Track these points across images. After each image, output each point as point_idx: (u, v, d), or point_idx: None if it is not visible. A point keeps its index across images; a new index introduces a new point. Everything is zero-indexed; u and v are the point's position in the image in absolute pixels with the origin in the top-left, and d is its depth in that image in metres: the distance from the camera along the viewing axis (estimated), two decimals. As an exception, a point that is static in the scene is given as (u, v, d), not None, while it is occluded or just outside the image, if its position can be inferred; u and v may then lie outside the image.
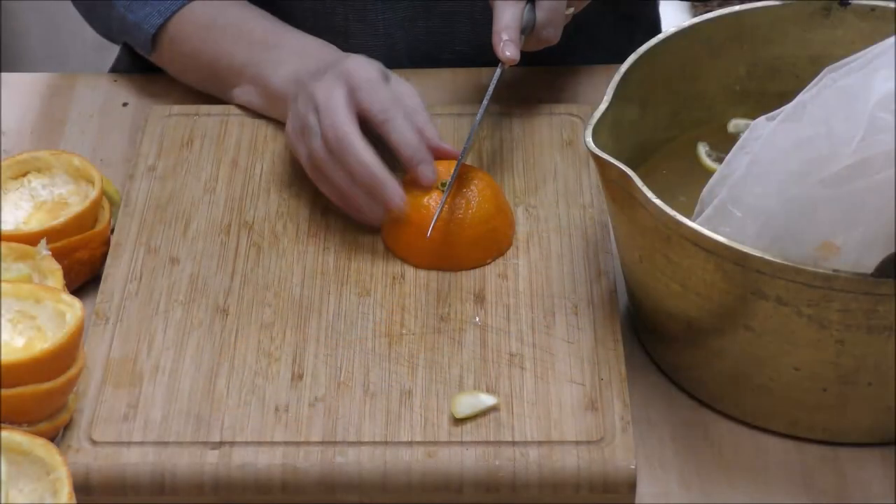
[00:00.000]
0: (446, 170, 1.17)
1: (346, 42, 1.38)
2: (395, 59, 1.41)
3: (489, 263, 1.16)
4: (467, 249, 1.16)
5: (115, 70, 1.43)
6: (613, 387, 1.07)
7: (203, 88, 1.34)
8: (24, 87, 1.39)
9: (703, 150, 1.19)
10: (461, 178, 1.17)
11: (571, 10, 1.24)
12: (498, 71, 1.20)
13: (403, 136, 1.16)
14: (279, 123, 1.29)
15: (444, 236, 1.15)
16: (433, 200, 1.16)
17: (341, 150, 1.15)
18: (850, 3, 1.17)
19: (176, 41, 1.32)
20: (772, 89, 1.20)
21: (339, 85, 1.17)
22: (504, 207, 1.18)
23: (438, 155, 1.18)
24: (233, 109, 1.31)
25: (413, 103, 1.19)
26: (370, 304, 1.14)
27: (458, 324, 1.12)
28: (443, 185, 1.17)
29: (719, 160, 1.11)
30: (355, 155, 1.15)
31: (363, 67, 1.18)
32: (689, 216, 1.02)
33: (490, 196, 1.17)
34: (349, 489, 1.03)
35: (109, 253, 1.18)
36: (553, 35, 1.23)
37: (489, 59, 1.35)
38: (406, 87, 1.21)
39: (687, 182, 1.14)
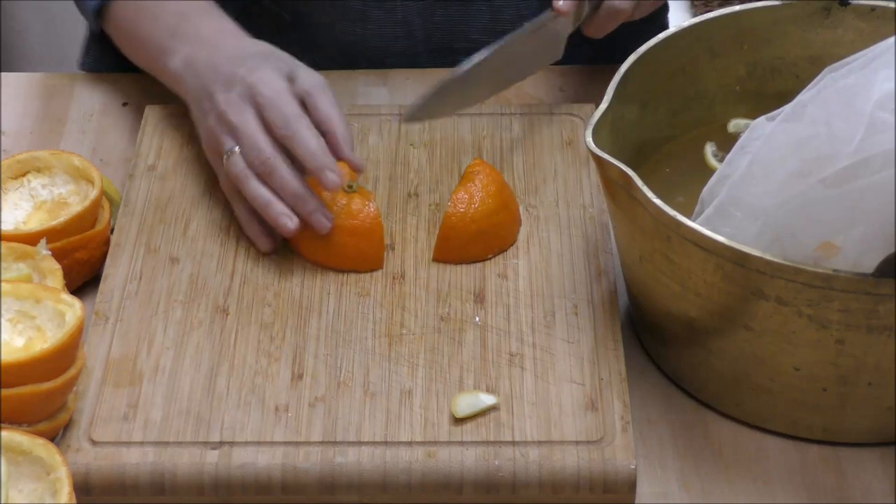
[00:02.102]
0: (349, 172, 1.18)
1: (365, 28, 1.39)
2: (412, 45, 1.41)
3: (490, 259, 1.16)
4: (466, 243, 1.16)
5: (84, 64, 1.42)
6: (613, 387, 1.07)
7: (147, 70, 1.31)
8: (24, 87, 1.39)
9: (709, 150, 1.19)
10: (467, 174, 1.17)
11: None
12: (544, 14, 1.20)
13: (308, 148, 1.15)
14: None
15: (443, 230, 1.15)
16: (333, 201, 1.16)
17: (268, 175, 1.15)
18: (850, 3, 1.17)
19: (116, 20, 1.31)
20: (772, 89, 1.20)
21: (248, 106, 1.17)
22: (510, 204, 1.18)
23: (341, 160, 1.18)
24: (233, 109, 1.31)
25: (323, 103, 1.18)
26: (370, 304, 1.14)
27: (458, 324, 1.12)
28: (350, 186, 1.17)
29: (725, 161, 1.11)
30: (281, 178, 1.15)
31: (268, 81, 1.17)
32: (689, 216, 1.02)
33: (495, 192, 1.17)
34: (349, 489, 1.03)
35: (109, 253, 1.18)
36: (624, 6, 1.22)
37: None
38: (313, 80, 1.20)
39: (687, 182, 1.14)
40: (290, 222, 1.15)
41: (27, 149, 1.27)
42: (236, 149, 1.17)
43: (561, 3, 1.19)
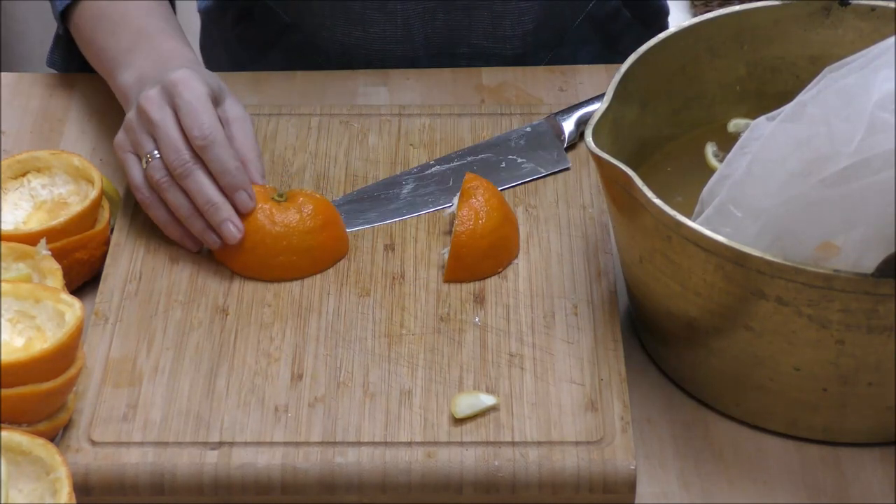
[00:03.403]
0: (263, 192, 1.17)
1: (365, 31, 1.39)
2: (413, 49, 1.41)
3: (499, 273, 1.16)
4: (479, 260, 1.15)
5: (51, 62, 1.41)
6: (613, 387, 1.07)
7: (103, 77, 1.31)
8: (24, 87, 1.39)
9: (710, 150, 1.19)
10: (466, 190, 1.17)
11: None
12: None
13: (222, 164, 1.15)
14: (279, 122, 1.29)
15: (454, 248, 1.15)
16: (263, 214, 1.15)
17: (184, 177, 1.14)
18: (850, 3, 1.17)
19: (77, 26, 1.30)
20: (772, 89, 1.20)
21: (165, 104, 1.16)
22: (509, 214, 1.18)
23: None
24: (233, 109, 1.31)
25: (243, 133, 1.18)
26: (370, 304, 1.14)
27: (458, 324, 1.12)
28: (280, 196, 1.17)
29: (726, 161, 1.11)
30: (197, 183, 1.14)
31: (190, 85, 1.16)
32: (689, 216, 1.02)
33: (497, 205, 1.17)
34: (349, 489, 1.03)
35: (109, 253, 1.18)
36: None
37: (506, 52, 1.35)
38: (238, 110, 1.19)
39: (687, 182, 1.14)
40: (214, 238, 1.15)
41: (27, 149, 1.27)
42: (156, 153, 1.16)
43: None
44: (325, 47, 1.43)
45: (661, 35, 1.16)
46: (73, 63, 1.37)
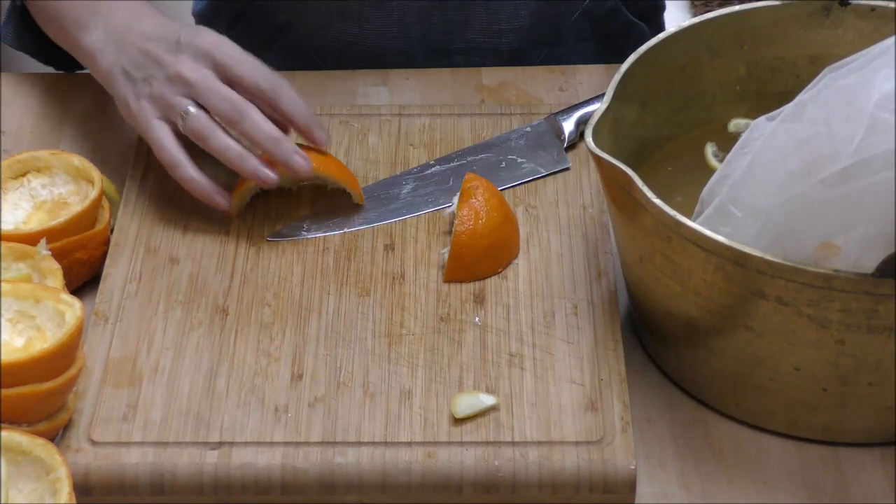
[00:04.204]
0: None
1: (361, 27, 1.39)
2: (409, 45, 1.41)
3: (499, 272, 1.16)
4: (479, 260, 1.15)
5: (3, 38, 1.40)
6: (613, 387, 1.07)
7: (62, 45, 1.30)
8: (24, 87, 1.39)
9: (710, 150, 1.19)
10: (466, 190, 1.17)
11: None
12: None
13: (294, 101, 1.17)
14: (279, 123, 1.29)
15: (454, 248, 1.15)
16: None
17: (238, 121, 1.15)
18: (850, 3, 1.17)
19: None
20: (772, 89, 1.20)
21: (201, 66, 1.17)
22: (509, 215, 1.18)
23: (306, 134, 1.19)
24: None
25: (265, 79, 1.18)
26: (370, 304, 1.14)
27: (458, 324, 1.12)
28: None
29: (726, 161, 1.11)
30: (254, 122, 1.15)
31: (226, 43, 1.18)
32: (689, 216, 1.02)
33: (497, 205, 1.17)
34: (349, 489, 1.03)
35: (109, 253, 1.18)
36: None
37: (502, 46, 1.35)
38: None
39: (687, 182, 1.14)
40: (271, 173, 1.16)
41: (27, 149, 1.27)
42: (191, 108, 1.16)
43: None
44: (320, 46, 1.43)
45: (661, 35, 1.16)
46: (25, 37, 1.36)
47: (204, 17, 1.57)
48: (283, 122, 1.18)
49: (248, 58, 1.18)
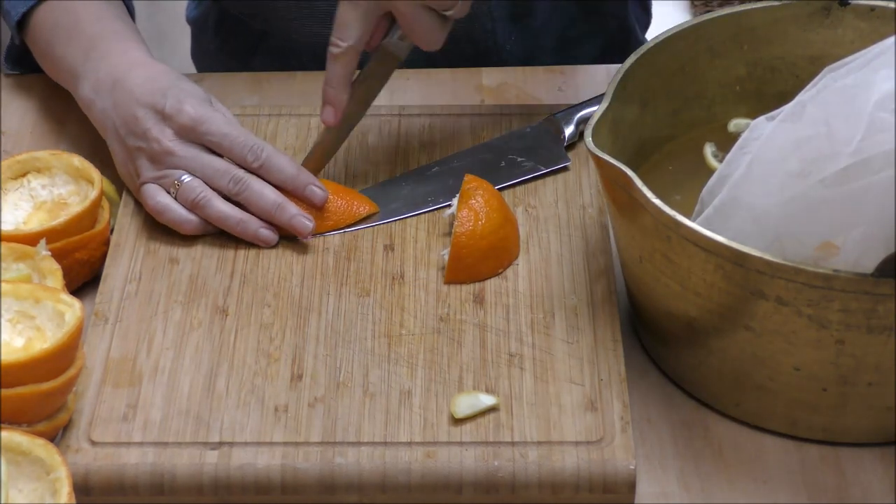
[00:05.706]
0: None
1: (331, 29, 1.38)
2: None
3: (500, 273, 1.16)
4: (479, 261, 1.15)
5: (7, 66, 1.41)
6: (613, 387, 1.07)
7: (64, 85, 1.31)
8: (24, 87, 1.39)
9: (709, 150, 1.19)
10: (465, 191, 1.17)
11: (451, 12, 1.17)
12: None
13: (283, 171, 1.18)
14: (279, 122, 1.29)
15: (454, 250, 1.15)
16: None
17: (241, 192, 1.17)
18: (850, 3, 1.17)
19: (34, 37, 1.30)
20: (771, 89, 1.20)
21: (187, 144, 1.18)
22: (510, 216, 1.18)
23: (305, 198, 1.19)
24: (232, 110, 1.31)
25: (250, 151, 1.19)
26: (370, 304, 1.14)
27: (458, 324, 1.12)
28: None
29: (725, 161, 1.11)
30: (258, 192, 1.17)
31: (206, 117, 1.18)
32: (688, 216, 1.02)
33: (497, 206, 1.17)
34: (349, 489, 1.03)
35: (109, 253, 1.18)
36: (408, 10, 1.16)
37: (486, 52, 1.34)
38: (227, 112, 1.21)
39: (687, 182, 1.14)
40: (272, 234, 1.18)
41: (27, 149, 1.27)
42: (185, 178, 1.17)
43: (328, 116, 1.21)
44: (298, 50, 1.43)
45: (661, 35, 1.16)
46: (27, 65, 1.37)
47: (196, 25, 1.57)
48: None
49: (231, 130, 1.18)
